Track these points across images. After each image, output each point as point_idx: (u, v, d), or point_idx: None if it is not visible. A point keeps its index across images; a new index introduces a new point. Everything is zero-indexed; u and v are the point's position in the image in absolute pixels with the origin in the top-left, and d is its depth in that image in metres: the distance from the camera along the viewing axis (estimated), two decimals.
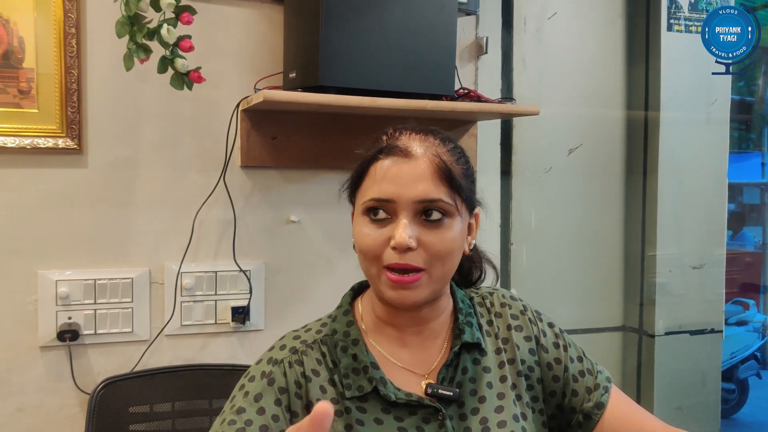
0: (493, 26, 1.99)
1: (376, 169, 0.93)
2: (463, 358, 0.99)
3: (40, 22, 1.55)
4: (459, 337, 0.99)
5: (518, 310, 1.06)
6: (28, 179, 1.57)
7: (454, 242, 0.93)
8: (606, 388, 1.02)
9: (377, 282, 0.93)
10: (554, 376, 1.03)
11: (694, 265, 2.20)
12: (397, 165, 0.91)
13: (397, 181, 0.90)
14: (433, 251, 0.90)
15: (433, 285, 0.93)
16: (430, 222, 0.91)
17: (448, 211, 0.91)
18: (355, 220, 0.95)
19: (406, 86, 1.57)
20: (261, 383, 0.92)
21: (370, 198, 0.92)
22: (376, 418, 0.92)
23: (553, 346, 1.04)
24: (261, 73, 1.70)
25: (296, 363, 0.94)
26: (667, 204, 2.14)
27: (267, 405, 0.90)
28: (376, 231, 0.91)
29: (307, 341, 0.97)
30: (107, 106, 1.61)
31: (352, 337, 0.97)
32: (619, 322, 2.24)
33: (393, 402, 0.93)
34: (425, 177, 0.90)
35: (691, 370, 2.22)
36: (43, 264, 1.58)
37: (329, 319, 1.02)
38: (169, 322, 1.67)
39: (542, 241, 2.12)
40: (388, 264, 0.90)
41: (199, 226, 1.68)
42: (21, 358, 1.58)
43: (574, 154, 2.13)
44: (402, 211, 0.90)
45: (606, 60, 2.16)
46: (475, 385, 0.98)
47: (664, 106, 2.12)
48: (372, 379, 0.93)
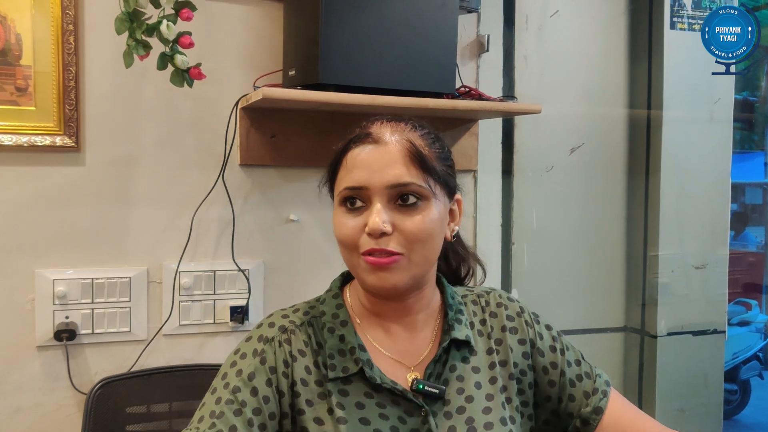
0: (494, 24, 1.98)
1: (348, 159, 0.93)
2: (452, 354, 0.98)
3: (37, 18, 1.54)
4: (448, 332, 0.98)
5: (515, 312, 1.04)
6: (26, 177, 1.55)
7: (432, 224, 0.92)
8: (605, 392, 1.01)
9: (357, 269, 0.93)
10: (550, 380, 1.01)
11: (696, 265, 2.18)
12: (368, 152, 0.91)
13: (368, 168, 0.90)
14: (409, 234, 0.90)
15: (413, 269, 0.92)
16: (405, 206, 0.90)
17: (423, 194, 0.91)
18: (334, 211, 0.95)
19: (407, 84, 1.56)
20: (254, 362, 0.92)
21: (344, 187, 0.92)
22: (357, 402, 0.92)
23: (549, 349, 1.03)
24: (261, 71, 1.68)
25: (285, 342, 0.94)
26: (669, 204, 2.13)
27: (259, 385, 0.90)
28: (353, 219, 0.91)
29: (295, 321, 0.97)
30: (105, 104, 1.60)
31: (340, 318, 0.97)
32: (621, 322, 2.23)
33: (377, 387, 0.92)
34: (396, 161, 0.90)
35: (693, 371, 2.20)
36: (41, 263, 1.57)
37: (317, 301, 1.02)
38: (167, 322, 1.66)
39: (544, 241, 2.11)
40: (365, 250, 0.90)
41: (198, 225, 1.67)
42: (18, 357, 1.57)
43: (576, 153, 2.12)
44: (375, 197, 0.90)
45: (608, 58, 2.15)
46: (462, 384, 0.96)
47: (666, 104, 2.10)
48: (358, 360, 0.93)
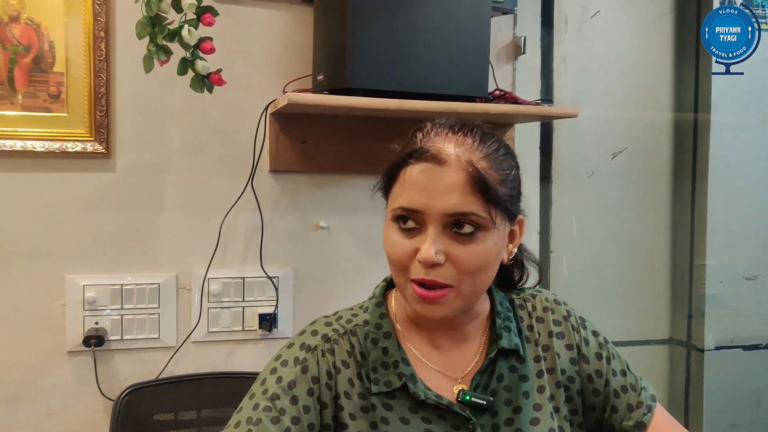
0: (531, 25, 1.92)
1: (406, 175, 0.87)
2: (499, 364, 0.94)
3: (70, 26, 1.55)
4: (496, 342, 0.94)
5: (561, 316, 0.99)
6: (57, 183, 1.57)
7: (487, 257, 0.86)
8: (649, 407, 0.96)
9: (405, 293, 0.89)
10: (594, 389, 0.97)
11: (747, 275, 2.09)
12: (427, 173, 0.85)
13: (426, 191, 0.84)
14: (462, 267, 0.84)
15: (461, 301, 0.87)
16: (461, 235, 0.84)
17: (482, 224, 0.85)
18: (386, 224, 0.90)
19: (437, 88, 1.51)
20: (294, 370, 0.89)
21: (398, 206, 0.86)
22: (402, 417, 0.88)
23: (595, 356, 0.98)
24: (290, 76, 1.66)
25: (329, 352, 0.91)
26: (717, 211, 2.03)
27: (300, 394, 0.87)
28: (404, 241, 0.86)
29: (338, 330, 0.93)
30: (135, 110, 1.60)
31: (384, 329, 0.93)
32: (666, 334, 2.14)
33: (421, 402, 0.89)
34: (456, 188, 0.83)
35: (744, 387, 2.10)
36: (71, 268, 1.58)
37: (360, 309, 0.98)
38: (195, 329, 1.65)
39: (584, 249, 2.04)
40: (415, 278, 0.85)
41: (227, 231, 1.66)
42: (49, 362, 1.58)
43: (618, 158, 2.04)
44: (431, 223, 0.84)
45: (652, 59, 2.07)
46: (510, 394, 0.92)
47: (714, 107, 2.01)
48: (402, 375, 0.89)
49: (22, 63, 1.54)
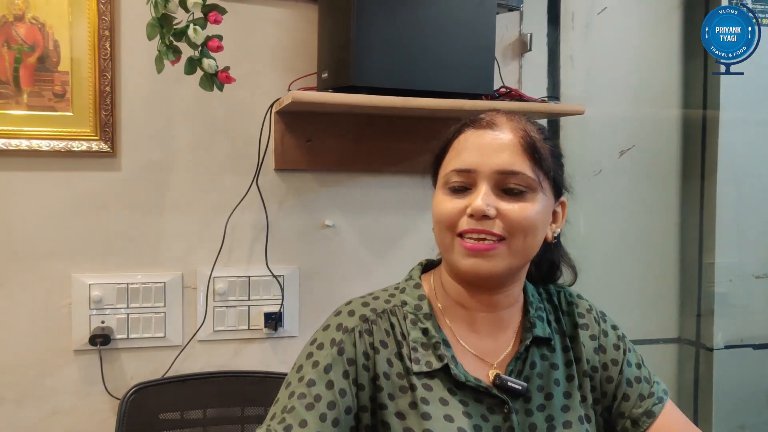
0: (538, 22, 1.91)
1: (460, 141, 0.92)
2: (531, 352, 0.96)
3: (75, 25, 1.55)
4: (530, 330, 0.96)
5: (585, 309, 1.03)
6: (62, 182, 1.57)
7: (535, 216, 0.89)
8: (660, 399, 0.98)
9: (451, 251, 0.90)
10: (608, 377, 0.99)
11: (757, 274, 2.07)
12: (482, 135, 0.90)
13: (479, 150, 0.89)
14: (512, 221, 0.87)
15: (510, 258, 0.88)
16: (510, 194, 0.88)
17: (531, 185, 0.88)
18: (435, 195, 0.93)
19: (442, 85, 1.51)
20: (331, 352, 0.89)
21: (451, 169, 0.90)
22: (441, 397, 0.89)
23: (613, 347, 1.00)
24: (296, 74, 1.66)
25: (366, 333, 0.91)
26: (726, 209, 2.02)
27: (336, 378, 0.87)
28: (454, 200, 0.89)
29: (376, 310, 0.94)
30: (140, 109, 1.60)
31: (423, 310, 0.94)
32: (675, 333, 2.12)
33: (461, 384, 0.90)
34: (508, 147, 0.88)
35: (754, 386, 2.08)
36: (77, 267, 1.58)
37: (396, 290, 0.98)
38: (201, 328, 1.65)
39: (592, 247, 2.02)
40: (463, 230, 0.87)
41: (232, 230, 1.65)
42: (55, 361, 1.58)
43: (626, 155, 2.03)
44: (482, 181, 0.88)
45: (660, 56, 2.05)
46: (542, 381, 0.95)
47: (723, 104, 1.99)
48: (443, 356, 0.90)
49: (27, 62, 1.54)
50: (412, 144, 1.73)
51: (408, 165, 1.74)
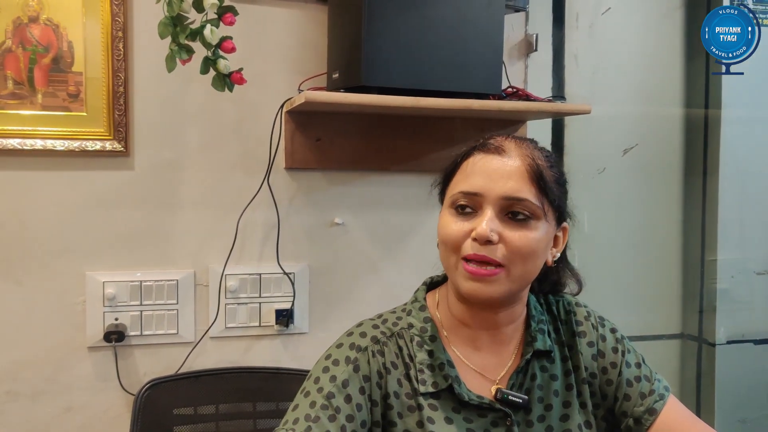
0: (543, 23, 1.93)
1: (468, 164, 0.94)
2: (532, 364, 0.99)
3: (88, 26, 1.57)
4: (531, 344, 0.99)
5: (582, 316, 1.05)
6: (76, 181, 1.59)
7: (537, 243, 0.91)
8: (662, 396, 1.00)
9: (454, 273, 0.93)
10: (608, 380, 1.01)
11: (758, 270, 2.10)
12: (490, 160, 0.92)
13: (486, 175, 0.91)
14: (514, 248, 0.89)
15: (510, 284, 0.91)
16: (514, 221, 0.90)
17: (534, 212, 0.90)
18: (441, 214, 0.96)
19: (452, 85, 1.53)
20: (347, 369, 0.93)
21: (458, 191, 0.93)
22: (446, 416, 0.93)
23: (611, 350, 1.03)
24: (305, 74, 1.68)
25: (378, 353, 0.95)
26: (728, 206, 2.05)
27: (353, 393, 0.91)
28: (460, 223, 0.92)
29: (386, 333, 0.98)
30: (153, 109, 1.62)
31: (429, 333, 0.98)
32: (678, 329, 2.15)
33: (464, 402, 0.93)
34: (515, 174, 0.90)
35: (755, 381, 2.11)
36: (91, 265, 1.60)
37: (403, 312, 1.02)
38: (213, 324, 1.67)
39: (595, 245, 2.05)
40: (467, 255, 0.90)
41: (243, 228, 1.68)
42: (69, 358, 1.61)
43: (630, 154, 2.05)
44: (487, 205, 0.90)
45: (663, 55, 2.08)
46: (542, 393, 0.98)
47: (725, 103, 2.02)
48: (447, 377, 0.94)
49: (41, 63, 1.56)
50: (420, 143, 1.76)
51: (416, 164, 1.77)
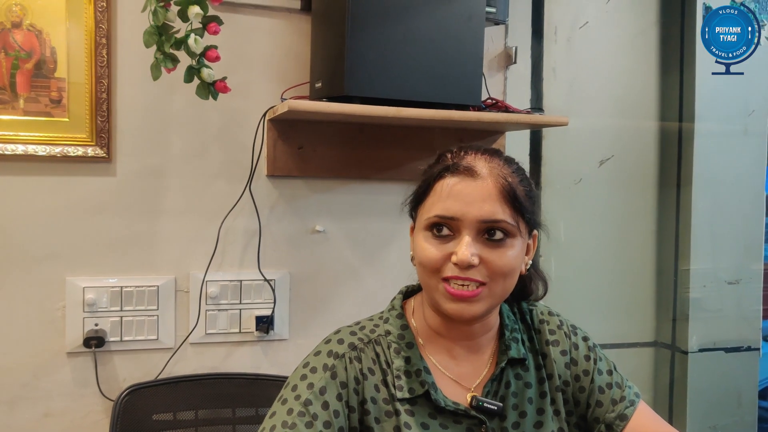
0: (522, 36, 1.97)
1: (442, 187, 0.95)
2: (506, 372, 1.01)
3: (71, 32, 1.58)
4: (505, 352, 1.02)
5: (555, 325, 1.08)
6: (58, 187, 1.59)
7: (515, 260, 0.94)
8: (632, 402, 1.03)
9: (435, 292, 0.95)
10: (580, 387, 1.04)
11: (729, 280, 2.14)
12: (463, 183, 0.93)
13: (462, 200, 0.92)
14: (494, 268, 0.92)
15: (491, 300, 0.95)
16: (492, 241, 0.93)
17: (510, 231, 0.93)
18: (416, 235, 0.98)
19: (433, 96, 1.56)
20: (324, 376, 0.94)
21: (434, 215, 0.94)
22: (423, 422, 0.95)
23: (583, 358, 1.05)
24: (288, 83, 1.70)
25: (355, 359, 0.97)
26: (701, 217, 2.09)
27: (330, 400, 0.92)
28: (438, 246, 0.93)
29: (363, 339, 1.00)
30: (136, 116, 1.63)
31: (406, 340, 1.00)
32: (651, 337, 2.19)
33: (440, 409, 0.96)
34: (490, 197, 0.92)
35: (726, 388, 2.15)
36: (72, 271, 1.60)
37: (380, 320, 1.04)
38: (193, 331, 1.68)
39: (572, 254, 2.09)
40: (449, 275, 0.92)
41: (225, 235, 1.69)
42: (49, 363, 1.60)
43: (606, 165, 2.09)
44: (465, 229, 0.92)
45: (639, 70, 2.12)
46: (517, 400, 1.00)
47: (698, 116, 2.07)
48: (424, 383, 0.96)
49: (23, 68, 1.56)
50: (401, 152, 1.78)
51: (396, 172, 1.79)
